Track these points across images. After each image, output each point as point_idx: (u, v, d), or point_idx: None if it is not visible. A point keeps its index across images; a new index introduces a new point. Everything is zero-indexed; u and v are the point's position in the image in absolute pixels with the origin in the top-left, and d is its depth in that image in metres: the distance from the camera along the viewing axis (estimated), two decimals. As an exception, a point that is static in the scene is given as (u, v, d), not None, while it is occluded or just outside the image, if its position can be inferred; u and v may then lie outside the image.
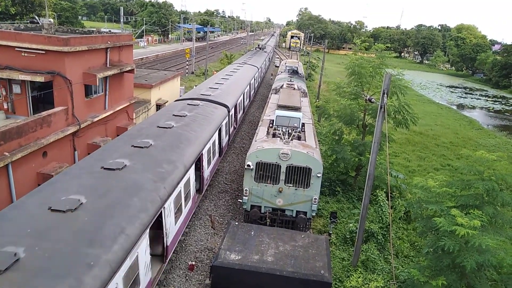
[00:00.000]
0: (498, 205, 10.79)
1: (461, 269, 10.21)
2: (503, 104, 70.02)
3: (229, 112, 20.42)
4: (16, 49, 14.53)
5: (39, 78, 14.39)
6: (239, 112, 25.57)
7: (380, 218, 15.89)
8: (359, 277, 12.71)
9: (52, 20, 22.98)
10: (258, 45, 70.66)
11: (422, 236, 12.48)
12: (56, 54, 14.53)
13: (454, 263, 9.99)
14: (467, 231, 9.16)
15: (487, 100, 72.54)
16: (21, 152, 12.43)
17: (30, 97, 15.85)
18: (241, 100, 26.04)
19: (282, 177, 14.40)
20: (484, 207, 10.49)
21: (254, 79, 36.33)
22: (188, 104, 18.63)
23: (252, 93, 34.87)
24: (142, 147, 12.18)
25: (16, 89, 15.45)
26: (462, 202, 10.96)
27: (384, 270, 13.52)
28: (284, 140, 15.02)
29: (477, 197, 10.83)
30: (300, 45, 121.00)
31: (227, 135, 20.87)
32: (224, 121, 19.39)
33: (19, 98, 15.59)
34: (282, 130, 16.59)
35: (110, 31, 44.14)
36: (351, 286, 12.40)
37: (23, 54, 14.60)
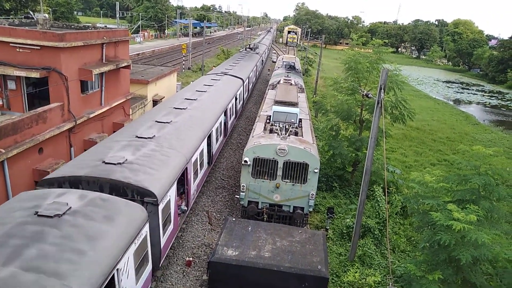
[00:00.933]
0: (494, 199, 10.86)
1: (457, 264, 10.28)
2: (499, 99, 70.24)
3: (157, 205, 9.91)
4: (11, 44, 14.40)
5: (34, 74, 14.28)
6: (194, 178, 14.11)
7: (377, 213, 15.95)
8: (356, 272, 12.78)
9: (47, 15, 22.77)
10: (249, 45, 54.24)
11: (418, 231, 12.54)
12: (51, 49, 14.41)
13: (450, 257, 10.06)
14: (463, 225, 9.21)
15: (483, 95, 72.74)
16: (16, 148, 12.36)
17: (26, 93, 15.74)
18: (202, 149, 15.34)
19: (279, 172, 14.41)
20: (480, 201, 10.55)
21: (236, 99, 25.37)
22: (37, 215, 7.59)
23: (231, 120, 23.87)
24: None
25: (11, 85, 15.34)
26: (458, 197, 11.01)
27: (381, 265, 13.60)
28: (281, 136, 15.01)
29: (474, 191, 10.88)
30: (297, 41, 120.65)
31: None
32: (128, 253, 8.04)
33: (14, 95, 15.48)
34: (279, 126, 16.58)
35: (106, 26, 43.83)
36: (348, 281, 12.47)
37: (18, 49, 14.47)
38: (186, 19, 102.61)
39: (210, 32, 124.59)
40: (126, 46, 20.24)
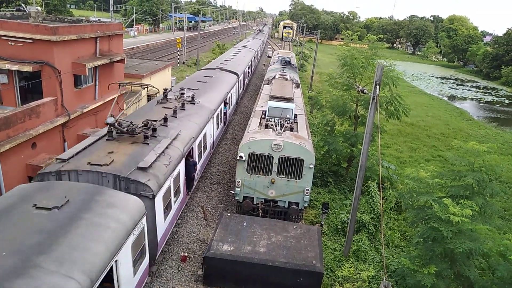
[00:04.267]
0: (487, 195, 10.96)
1: (451, 258, 10.38)
2: (493, 95, 70.65)
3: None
4: (3, 37, 14.19)
5: (27, 68, 14.10)
6: None
7: (372, 208, 16.01)
8: (350, 267, 12.85)
9: (39, 8, 22.41)
10: (165, 93, 16.78)
11: (412, 226, 12.64)
12: (44, 43, 14.22)
13: (445, 250, 10.15)
14: (461, 218, 9.30)
15: (477, 91, 73.10)
16: (9, 143, 12.23)
17: (18, 87, 15.55)
18: None
19: (275, 168, 14.39)
20: (473, 197, 10.65)
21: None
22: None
23: None
24: None
25: (3, 79, 15.14)
26: (452, 193, 11.10)
27: (375, 259, 13.68)
28: (277, 131, 14.98)
29: (467, 187, 10.97)
30: (293, 36, 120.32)
31: None
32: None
33: (7, 89, 15.28)
34: (274, 121, 16.53)
35: (99, 20, 43.33)
36: (342, 275, 12.54)
37: (10, 43, 14.26)
38: (181, 13, 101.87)
39: (204, 27, 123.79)
40: (120, 40, 20.04)
